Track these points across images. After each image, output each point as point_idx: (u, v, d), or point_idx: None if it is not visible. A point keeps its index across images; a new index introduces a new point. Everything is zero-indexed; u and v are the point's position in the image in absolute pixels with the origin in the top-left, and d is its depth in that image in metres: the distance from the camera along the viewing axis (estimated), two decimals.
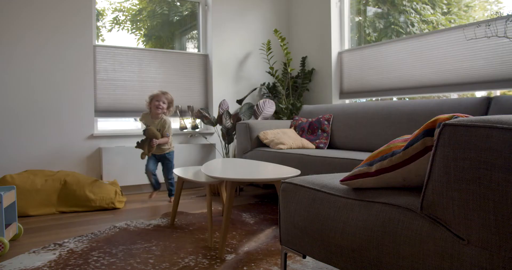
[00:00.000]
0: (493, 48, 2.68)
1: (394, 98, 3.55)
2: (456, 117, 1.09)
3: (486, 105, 2.39)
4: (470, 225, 0.91)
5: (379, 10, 4.34)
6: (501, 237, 0.86)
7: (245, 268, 1.73)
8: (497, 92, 2.84)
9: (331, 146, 3.23)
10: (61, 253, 1.94)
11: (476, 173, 0.89)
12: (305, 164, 2.62)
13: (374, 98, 3.72)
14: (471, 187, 0.90)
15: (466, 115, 1.13)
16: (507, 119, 0.87)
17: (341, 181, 1.30)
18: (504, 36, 2.55)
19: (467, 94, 3.11)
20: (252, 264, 1.78)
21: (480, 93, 2.97)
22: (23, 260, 1.85)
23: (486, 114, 2.37)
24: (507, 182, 0.84)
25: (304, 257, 1.45)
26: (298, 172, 1.98)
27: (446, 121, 0.98)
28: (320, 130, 3.24)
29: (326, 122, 3.24)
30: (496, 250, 0.86)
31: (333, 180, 1.43)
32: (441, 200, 0.97)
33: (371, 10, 4.37)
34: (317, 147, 3.13)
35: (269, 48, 4.05)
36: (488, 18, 2.68)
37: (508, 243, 0.84)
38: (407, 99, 3.46)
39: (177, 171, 2.45)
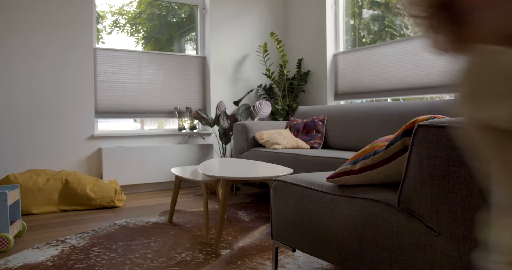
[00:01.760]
0: None
1: (389, 100, 3.64)
2: (433, 119, 1.17)
3: None
4: (441, 217, 0.99)
5: (376, 13, 4.43)
6: (467, 228, 0.94)
7: (239, 262, 1.81)
8: None
9: (325, 146, 3.31)
10: (64, 249, 2.02)
11: (446, 169, 0.97)
12: (299, 163, 2.71)
13: (368, 99, 3.80)
14: (441, 182, 0.99)
15: (443, 116, 1.21)
16: None
17: (328, 178, 1.39)
18: None
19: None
20: (246, 259, 1.86)
21: None
22: (27, 255, 1.93)
23: None
24: (472, 178, 0.92)
25: (293, 250, 1.53)
26: (290, 170, 2.07)
27: (420, 123, 1.06)
28: (314, 131, 3.32)
29: (320, 123, 3.33)
30: (462, 240, 0.95)
31: (321, 177, 1.51)
32: (416, 195, 1.06)
33: (367, 12, 4.45)
34: (312, 147, 3.22)
35: (265, 51, 4.14)
36: None
37: (473, 233, 0.93)
38: (401, 100, 3.54)
39: (175, 170, 2.53)
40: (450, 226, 0.97)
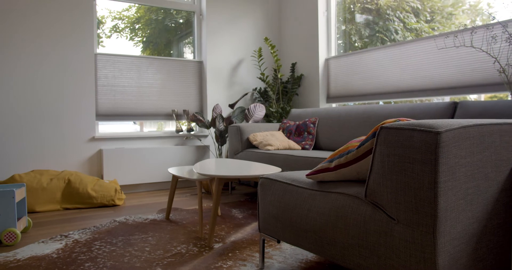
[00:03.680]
0: (463, 56, 2.92)
1: (381, 102, 3.78)
2: (398, 121, 1.32)
3: (453, 109, 2.62)
4: (399, 207, 1.14)
5: (370, 17, 4.59)
6: (419, 216, 1.09)
7: (230, 254, 1.96)
8: (482, 97, 3.07)
9: (316, 147, 3.46)
10: (67, 243, 2.16)
11: (403, 166, 1.12)
12: (290, 163, 2.85)
13: (359, 102, 3.95)
14: (399, 177, 1.13)
15: (408, 119, 1.36)
16: (425, 123, 1.11)
17: (307, 175, 1.54)
18: (471, 46, 2.79)
19: (460, 97, 3.33)
20: (237, 251, 2.01)
21: (472, 97, 3.18)
22: (34, 248, 2.08)
23: (452, 117, 2.60)
24: (423, 172, 1.07)
25: (278, 241, 1.68)
26: (279, 169, 2.22)
27: (382, 125, 1.21)
28: (306, 133, 3.47)
29: (312, 125, 3.48)
30: (416, 227, 1.09)
31: (302, 175, 1.66)
32: (379, 188, 1.21)
33: (361, 17, 4.61)
34: (303, 148, 3.36)
35: (260, 55, 4.29)
36: (456, 29, 2.92)
37: (424, 220, 1.07)
38: (393, 102, 3.69)
39: (172, 170, 2.67)
40: (406, 214, 1.12)
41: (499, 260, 1.22)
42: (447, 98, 3.25)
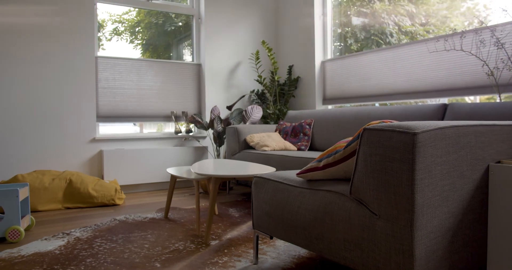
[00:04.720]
0: (453, 60, 3.00)
1: (377, 104, 3.87)
2: (381, 123, 1.40)
3: (443, 111, 2.71)
4: (380, 203, 1.22)
5: (366, 20, 4.67)
6: (399, 211, 1.17)
7: (225, 251, 2.04)
8: (478, 99, 3.15)
9: (312, 148, 3.54)
10: (69, 240, 2.25)
11: (383, 164, 1.20)
12: (285, 163, 2.94)
13: (355, 104, 4.03)
14: (380, 175, 1.22)
15: (391, 121, 1.44)
16: (403, 125, 1.19)
17: (297, 174, 1.62)
18: (460, 50, 2.87)
19: (459, 99, 3.41)
20: (232, 248, 2.09)
21: (470, 99, 3.27)
22: (37, 245, 2.16)
23: (442, 119, 2.68)
24: (402, 170, 1.15)
25: (271, 238, 1.76)
26: (273, 169, 2.30)
27: (366, 127, 1.29)
28: (302, 134, 3.55)
29: (307, 127, 3.56)
30: (395, 221, 1.17)
31: (293, 174, 1.74)
32: (363, 186, 1.29)
33: (358, 19, 4.69)
34: (299, 149, 3.45)
35: (257, 58, 4.37)
36: (447, 33, 3.00)
37: (403, 215, 1.16)
38: (389, 104, 3.77)
39: (170, 170, 2.75)
40: (387, 210, 1.20)
41: (474, 253, 1.30)
42: (444, 100, 3.33)
